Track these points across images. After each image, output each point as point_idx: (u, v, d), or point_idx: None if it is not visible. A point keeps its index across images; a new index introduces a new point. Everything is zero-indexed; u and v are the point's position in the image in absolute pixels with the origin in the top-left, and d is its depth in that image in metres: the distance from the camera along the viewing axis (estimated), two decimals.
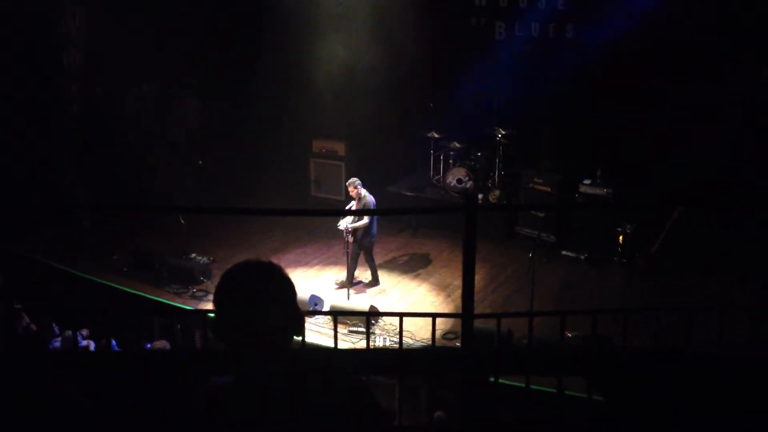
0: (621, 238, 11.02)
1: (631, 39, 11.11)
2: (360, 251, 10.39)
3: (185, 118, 13.88)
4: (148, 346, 7.98)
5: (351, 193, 10.27)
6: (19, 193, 10.87)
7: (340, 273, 10.64)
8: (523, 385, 4.06)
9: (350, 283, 10.29)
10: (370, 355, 3.66)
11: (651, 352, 3.70)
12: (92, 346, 8.09)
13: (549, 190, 11.58)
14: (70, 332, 7.62)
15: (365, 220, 10.18)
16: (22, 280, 9.97)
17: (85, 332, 8.13)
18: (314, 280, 10.80)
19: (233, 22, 12.87)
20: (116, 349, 7.68)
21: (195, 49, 12.69)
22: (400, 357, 3.25)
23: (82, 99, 12.19)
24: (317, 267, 11.25)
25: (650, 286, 10.38)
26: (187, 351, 7.19)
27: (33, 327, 8.47)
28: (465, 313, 3.86)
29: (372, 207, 10.29)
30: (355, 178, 10.35)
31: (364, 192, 10.25)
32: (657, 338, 5.08)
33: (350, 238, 10.22)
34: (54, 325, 8.53)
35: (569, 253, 11.34)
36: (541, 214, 11.37)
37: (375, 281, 10.54)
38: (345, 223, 10.20)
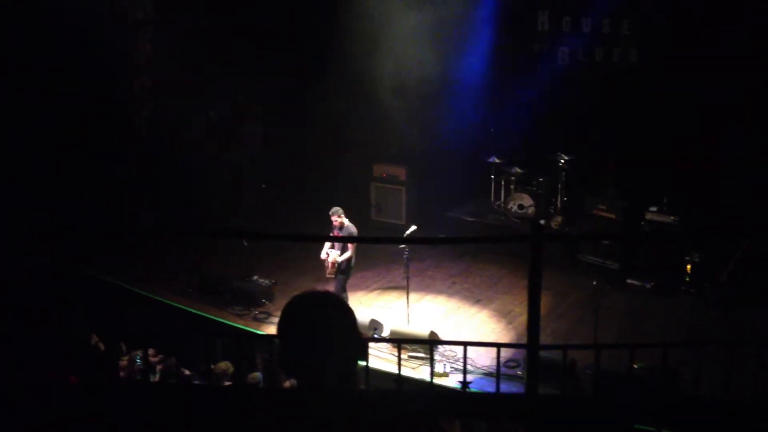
0: (689, 267, 10.74)
1: (696, 62, 10.93)
2: (345, 281, 10.16)
3: (249, 143, 14.13)
4: (212, 367, 8.10)
5: (334, 223, 9.91)
6: (88, 215, 11.18)
7: (400, 298, 10.62)
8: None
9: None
10: (437, 398, 3.63)
11: (724, 399, 3.58)
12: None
13: (614, 217, 11.38)
14: (140, 352, 7.78)
15: (349, 252, 10.02)
16: (90, 301, 10.23)
17: (151, 352, 8.29)
18: (374, 304, 10.82)
19: (297, 49, 13.08)
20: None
21: (259, 74, 12.94)
22: (464, 400, 3.22)
23: (151, 124, 12.52)
24: (377, 291, 11.28)
25: (720, 316, 10.08)
26: (254, 386, 7.25)
27: (101, 346, 8.67)
28: (530, 344, 3.81)
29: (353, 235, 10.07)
30: (338, 208, 10.01)
31: (347, 222, 10.03)
32: (727, 372, 4.93)
33: (331, 271, 10.00)
34: (122, 344, 8.72)
35: (635, 282, 11.09)
36: (606, 242, 11.17)
37: None
38: (333, 255, 9.99)
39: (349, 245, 10.00)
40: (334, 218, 9.94)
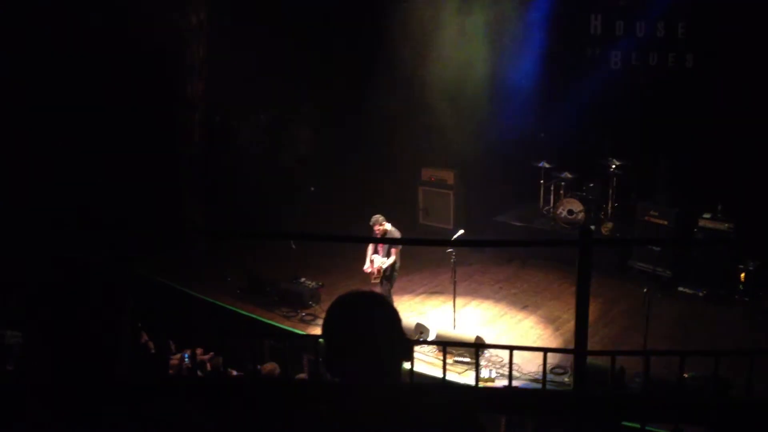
0: (743, 275, 10.48)
1: (754, 66, 10.68)
2: (391, 287, 10.06)
3: (298, 146, 14.24)
4: (258, 367, 8.18)
5: (376, 232, 9.78)
6: (141, 217, 11.39)
7: (446, 302, 10.58)
8: (638, 426, 3.91)
9: None
10: (479, 392, 3.61)
11: None
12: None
13: (666, 223, 11.16)
14: (188, 351, 7.89)
15: (393, 257, 9.95)
16: (142, 300, 10.41)
17: (199, 351, 8.39)
18: (420, 308, 10.81)
19: (347, 52, 13.15)
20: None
21: (309, 77, 13.05)
22: (510, 396, 3.18)
23: (203, 127, 12.72)
24: (423, 295, 11.26)
25: None
26: (301, 379, 7.31)
27: (151, 345, 8.80)
28: (578, 349, 3.76)
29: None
30: (379, 215, 9.86)
31: (389, 227, 9.87)
32: None
33: (377, 276, 9.92)
34: (171, 343, 8.84)
35: (686, 290, 10.87)
36: (657, 248, 10.97)
37: None
38: (378, 261, 9.92)
39: (393, 250, 9.98)
40: (376, 228, 9.82)
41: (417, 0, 12.35)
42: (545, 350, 4.18)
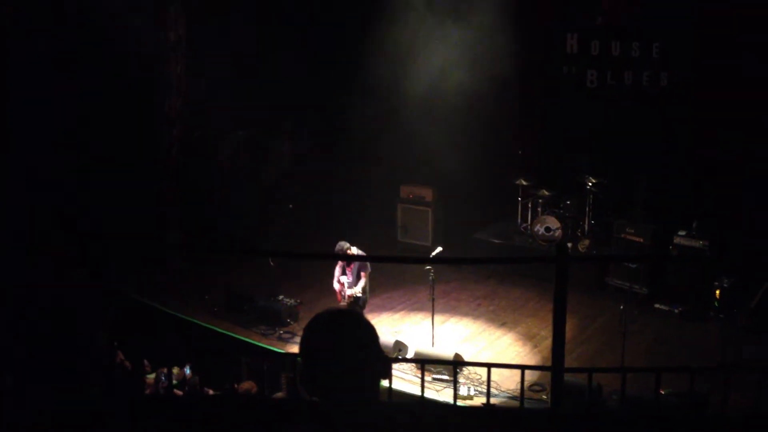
0: (718, 292, 10.58)
1: (727, 85, 10.86)
2: (362, 310, 9.95)
3: (278, 163, 14.23)
4: (236, 386, 8.12)
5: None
6: (117, 234, 11.30)
7: (425, 320, 10.58)
8: None
9: None
10: (458, 409, 3.61)
11: (753, 417, 3.52)
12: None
13: (642, 240, 11.28)
14: (165, 370, 7.83)
15: (363, 280, 9.91)
16: (118, 317, 10.31)
17: (175, 370, 8.31)
18: (399, 326, 10.79)
19: (327, 69, 13.19)
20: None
21: (288, 94, 13.06)
22: (489, 414, 3.20)
23: (182, 143, 12.67)
24: (402, 312, 11.25)
25: (749, 342, 9.90)
26: (277, 398, 7.26)
27: (127, 364, 8.71)
28: (555, 367, 3.78)
29: (366, 263, 9.95)
30: (344, 242, 9.70)
31: (357, 251, 9.83)
32: (758, 399, 4.83)
33: (348, 300, 9.88)
34: (146, 362, 8.76)
35: (662, 307, 10.96)
36: (633, 265, 11.07)
37: None
38: (346, 283, 9.86)
39: (363, 273, 9.94)
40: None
41: (394, 18, 12.42)
42: (523, 368, 4.20)
